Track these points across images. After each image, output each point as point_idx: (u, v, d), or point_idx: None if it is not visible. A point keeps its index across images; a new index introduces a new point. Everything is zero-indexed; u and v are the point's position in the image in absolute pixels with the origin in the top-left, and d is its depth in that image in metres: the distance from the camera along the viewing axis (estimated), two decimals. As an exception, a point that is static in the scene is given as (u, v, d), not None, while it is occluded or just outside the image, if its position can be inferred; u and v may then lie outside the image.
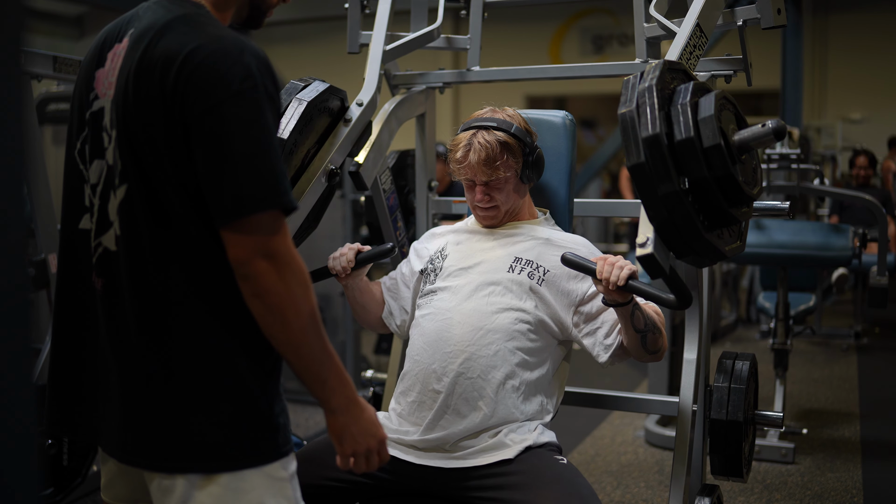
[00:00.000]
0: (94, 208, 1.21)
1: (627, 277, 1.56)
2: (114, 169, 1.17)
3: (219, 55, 1.09)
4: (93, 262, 1.22)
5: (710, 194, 1.37)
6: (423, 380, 1.74)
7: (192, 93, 1.08)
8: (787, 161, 4.10)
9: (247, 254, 1.09)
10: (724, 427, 1.99)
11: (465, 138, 1.81)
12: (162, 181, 1.12)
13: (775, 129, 1.40)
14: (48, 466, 2.52)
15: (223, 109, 1.07)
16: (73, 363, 1.27)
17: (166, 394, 1.14)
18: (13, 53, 0.63)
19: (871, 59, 10.00)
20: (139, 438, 1.16)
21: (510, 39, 9.55)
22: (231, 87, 1.08)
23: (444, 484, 1.68)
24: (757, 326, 6.45)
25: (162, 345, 1.15)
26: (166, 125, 1.10)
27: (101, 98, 1.21)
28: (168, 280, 1.14)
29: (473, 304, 1.76)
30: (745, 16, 1.94)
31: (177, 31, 1.13)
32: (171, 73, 1.09)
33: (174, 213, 1.13)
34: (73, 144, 1.27)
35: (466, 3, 2.32)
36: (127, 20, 1.23)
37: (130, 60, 1.15)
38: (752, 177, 1.47)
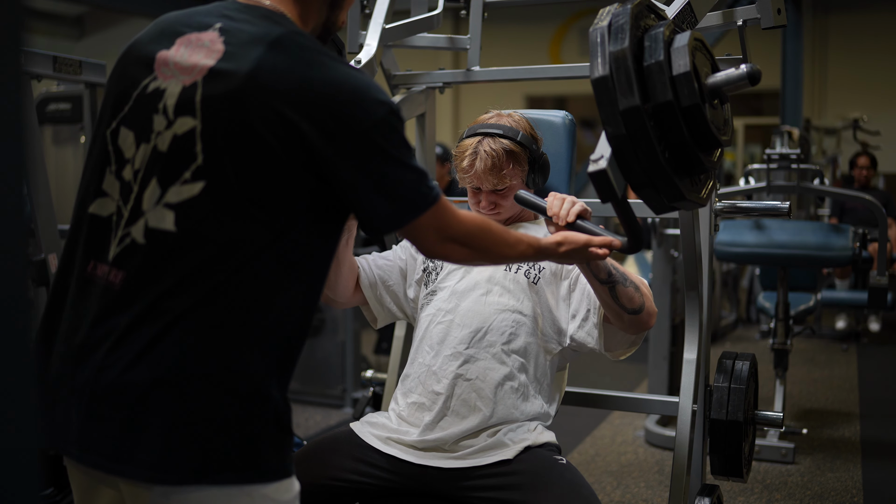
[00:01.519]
0: (132, 196, 1.14)
1: (578, 213, 1.54)
2: (174, 159, 1.11)
3: (353, 83, 1.13)
4: (110, 253, 1.13)
5: (675, 125, 1.30)
6: (423, 381, 1.74)
7: (334, 121, 1.11)
8: (787, 161, 4.10)
9: (422, 241, 1.23)
10: (724, 427, 1.99)
11: (470, 145, 1.80)
12: (256, 190, 1.10)
13: (749, 72, 1.35)
14: (48, 466, 2.52)
15: (369, 136, 1.12)
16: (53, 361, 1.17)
17: (185, 403, 1.07)
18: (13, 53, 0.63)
19: (871, 59, 10.00)
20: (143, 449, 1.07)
21: (510, 39, 9.54)
22: (373, 115, 1.13)
23: (443, 484, 1.68)
24: (757, 326, 6.46)
25: (187, 352, 1.08)
26: (289, 143, 1.09)
27: (159, 79, 1.15)
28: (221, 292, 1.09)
29: (472, 304, 1.76)
30: (745, 16, 1.94)
31: (298, 51, 1.13)
32: (301, 94, 1.10)
33: (254, 223, 1.10)
34: (106, 123, 1.20)
35: (466, 3, 2.32)
36: (204, 13, 1.20)
37: (240, 62, 1.11)
38: (723, 124, 1.42)
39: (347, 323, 4.20)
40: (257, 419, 1.11)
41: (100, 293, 1.13)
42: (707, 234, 2.11)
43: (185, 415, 1.07)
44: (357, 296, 1.88)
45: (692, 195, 1.38)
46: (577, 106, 11.00)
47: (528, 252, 1.38)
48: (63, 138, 4.65)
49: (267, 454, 1.12)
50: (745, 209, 2.23)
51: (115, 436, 1.08)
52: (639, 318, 1.67)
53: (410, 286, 1.90)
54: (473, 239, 1.27)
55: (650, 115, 1.29)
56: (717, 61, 2.03)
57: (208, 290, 1.09)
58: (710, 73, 1.40)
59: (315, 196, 1.14)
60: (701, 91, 1.32)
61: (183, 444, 1.07)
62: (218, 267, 1.09)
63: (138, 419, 1.07)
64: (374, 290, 1.88)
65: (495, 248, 1.32)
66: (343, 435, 1.78)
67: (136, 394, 1.08)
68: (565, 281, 1.79)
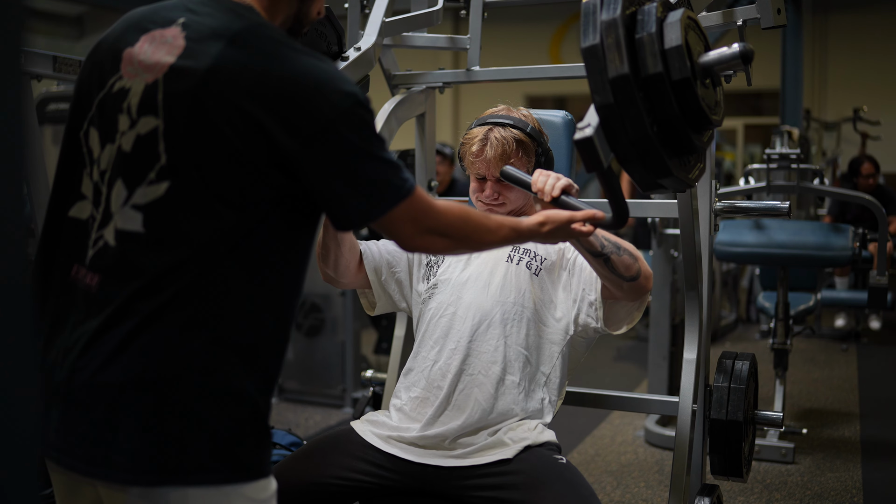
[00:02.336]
0: (102, 197, 1.13)
1: (563, 188, 1.54)
2: (138, 159, 1.10)
3: (317, 73, 1.10)
4: (87, 256, 1.13)
5: (664, 98, 1.28)
6: (428, 376, 1.75)
7: (296, 114, 1.08)
8: (787, 161, 4.10)
9: (400, 234, 1.20)
10: (724, 427, 1.99)
11: (480, 133, 1.81)
12: (221, 188, 1.08)
13: (742, 50, 1.34)
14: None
15: (333, 128, 1.09)
16: None
17: (158, 403, 1.06)
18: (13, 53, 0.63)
19: (871, 59, 10.00)
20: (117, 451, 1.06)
21: (510, 39, 9.54)
22: (338, 107, 1.09)
23: (443, 483, 1.68)
24: (757, 326, 6.45)
25: (159, 352, 1.07)
26: (254, 139, 1.08)
27: (125, 78, 1.14)
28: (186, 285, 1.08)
29: (474, 297, 1.76)
30: (745, 16, 1.94)
31: (262, 41, 1.11)
32: (264, 89, 1.08)
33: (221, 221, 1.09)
34: (77, 125, 1.19)
35: (466, 3, 2.32)
36: (168, 8, 1.18)
37: (199, 58, 1.10)
38: (714, 105, 1.40)
39: (347, 323, 4.20)
40: (231, 419, 1.10)
41: (81, 297, 1.13)
42: (707, 234, 2.11)
43: (158, 416, 1.06)
44: (360, 276, 1.86)
45: (680, 173, 1.36)
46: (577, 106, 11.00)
47: (511, 235, 1.36)
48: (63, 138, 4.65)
49: (242, 454, 1.11)
50: (744, 209, 2.23)
51: (90, 438, 1.07)
52: (637, 284, 1.67)
53: (417, 280, 1.90)
54: (453, 228, 1.25)
55: (639, 87, 1.27)
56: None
57: (179, 290, 1.08)
58: (702, 52, 1.39)
59: (283, 192, 1.12)
60: (692, 67, 1.31)
61: (156, 444, 1.06)
62: (188, 267, 1.08)
63: (111, 421, 1.06)
64: (379, 274, 1.87)
65: (476, 236, 1.30)
66: (343, 433, 1.78)
67: (108, 395, 1.07)
68: (564, 271, 1.79)
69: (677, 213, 1.97)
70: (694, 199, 1.97)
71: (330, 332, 4.24)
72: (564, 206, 1.52)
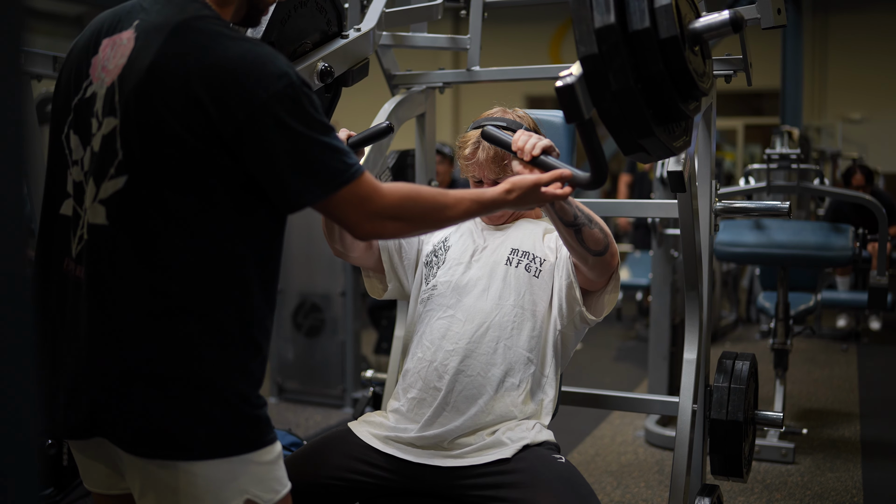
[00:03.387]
0: (84, 195, 1.20)
1: (543, 149, 1.52)
2: (103, 158, 1.17)
3: (251, 57, 1.13)
4: (74, 250, 1.21)
5: (651, 55, 1.26)
6: (424, 377, 1.74)
7: (230, 98, 1.11)
8: (787, 161, 4.10)
9: (347, 220, 1.20)
10: (724, 427, 1.99)
11: (473, 136, 1.81)
12: (171, 177, 1.13)
13: (732, 18, 1.33)
14: (48, 466, 2.52)
15: (266, 112, 1.11)
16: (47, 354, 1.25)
17: (148, 385, 1.15)
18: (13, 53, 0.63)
19: (871, 59, 10.00)
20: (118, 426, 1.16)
21: (510, 39, 9.55)
22: (270, 88, 1.11)
23: (441, 483, 1.68)
24: (757, 326, 6.46)
25: (148, 336, 1.15)
26: (196, 127, 1.11)
27: (94, 83, 1.21)
28: (156, 273, 1.14)
29: (474, 300, 1.76)
30: (746, 16, 1.94)
31: (197, 33, 1.15)
32: (200, 77, 1.11)
33: (185, 212, 1.14)
34: (59, 128, 1.26)
35: (466, 3, 2.32)
36: (127, 10, 1.23)
37: (144, 55, 1.15)
38: (702, 74, 1.38)
39: (347, 323, 4.20)
40: (235, 393, 1.18)
41: (72, 287, 1.22)
42: (707, 234, 2.11)
43: (170, 393, 1.15)
44: (370, 254, 1.85)
45: (661, 134, 1.34)
46: (577, 106, 10.95)
47: (474, 207, 1.34)
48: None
49: (249, 424, 1.19)
50: (745, 209, 2.23)
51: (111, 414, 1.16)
52: (603, 260, 1.66)
53: (419, 280, 1.89)
54: (403, 210, 1.24)
55: (626, 42, 1.26)
56: (716, 60, 2.03)
57: (146, 280, 1.14)
58: (693, 19, 1.37)
59: (232, 177, 1.15)
60: (682, 30, 1.29)
61: (175, 419, 1.15)
62: (151, 258, 1.14)
63: (129, 399, 1.15)
64: (391, 256, 1.88)
65: (433, 214, 1.29)
66: (341, 434, 1.78)
67: (119, 376, 1.16)
68: (558, 263, 1.79)
69: (677, 214, 1.97)
70: (694, 199, 1.97)
71: (330, 332, 4.24)
72: (544, 167, 1.50)
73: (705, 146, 2.12)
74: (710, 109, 2.09)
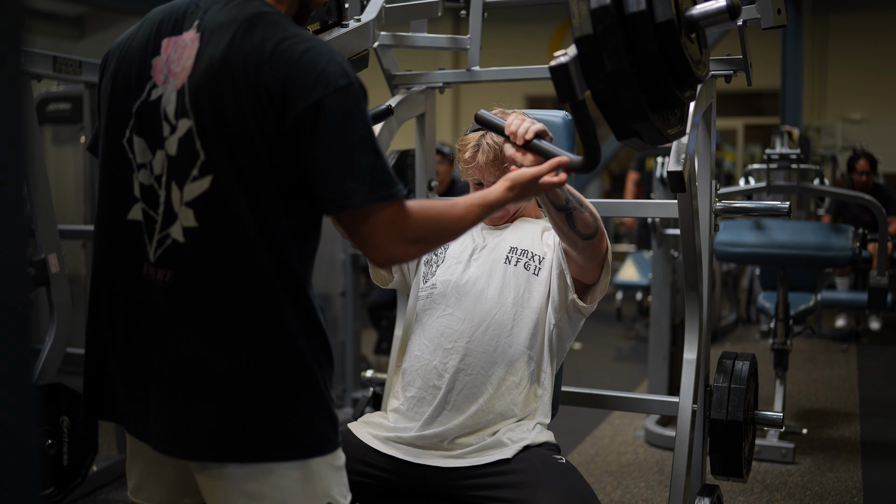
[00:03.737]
0: (160, 199, 1.19)
1: (536, 132, 1.51)
2: (182, 160, 1.17)
3: (314, 54, 1.14)
4: (153, 255, 1.20)
5: (647, 39, 1.25)
6: (423, 376, 1.74)
7: (293, 90, 1.11)
8: (787, 161, 4.10)
9: (372, 240, 1.17)
10: (724, 427, 1.99)
11: (473, 139, 1.81)
12: (254, 173, 1.14)
13: (729, 5, 1.32)
14: (48, 466, 2.52)
15: (326, 106, 1.12)
16: (119, 356, 1.25)
17: (242, 385, 1.15)
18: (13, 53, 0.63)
19: (871, 59, 10.00)
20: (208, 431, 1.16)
21: (510, 39, 9.55)
22: (331, 84, 1.12)
23: (442, 483, 1.68)
24: (757, 326, 6.46)
25: (242, 336, 1.15)
26: (264, 120, 1.13)
27: (159, 86, 1.20)
28: (249, 274, 1.15)
29: (474, 299, 1.76)
30: (745, 16, 1.95)
31: (264, 28, 1.16)
32: (267, 69, 1.12)
33: (262, 205, 1.15)
34: (118, 133, 1.24)
35: (466, 3, 2.32)
36: (183, 10, 1.23)
37: (211, 53, 1.15)
38: (698, 61, 1.37)
39: (347, 323, 4.20)
40: (312, 395, 1.19)
41: (156, 291, 1.20)
42: (707, 234, 2.11)
43: (256, 397, 1.15)
44: None
45: (655, 119, 1.33)
46: (577, 106, 10.97)
47: (483, 212, 1.34)
48: (63, 138, 4.65)
49: (324, 427, 1.20)
50: (745, 209, 2.23)
51: (174, 419, 1.17)
52: (592, 244, 1.65)
53: (419, 277, 1.89)
54: (426, 232, 1.22)
55: (621, 24, 1.25)
56: (716, 60, 2.03)
57: (242, 277, 1.15)
58: (691, 4, 1.37)
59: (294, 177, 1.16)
60: (678, 16, 1.29)
61: (263, 423, 1.15)
62: (245, 255, 1.15)
63: (190, 403, 1.16)
64: None
65: (449, 231, 1.28)
66: (341, 435, 1.78)
67: (186, 379, 1.16)
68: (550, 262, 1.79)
69: (677, 214, 1.97)
70: (694, 199, 1.97)
71: (330, 332, 4.22)
72: (536, 151, 1.49)
73: (705, 146, 2.12)
74: (710, 109, 2.09)
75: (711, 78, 2.01)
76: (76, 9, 11.39)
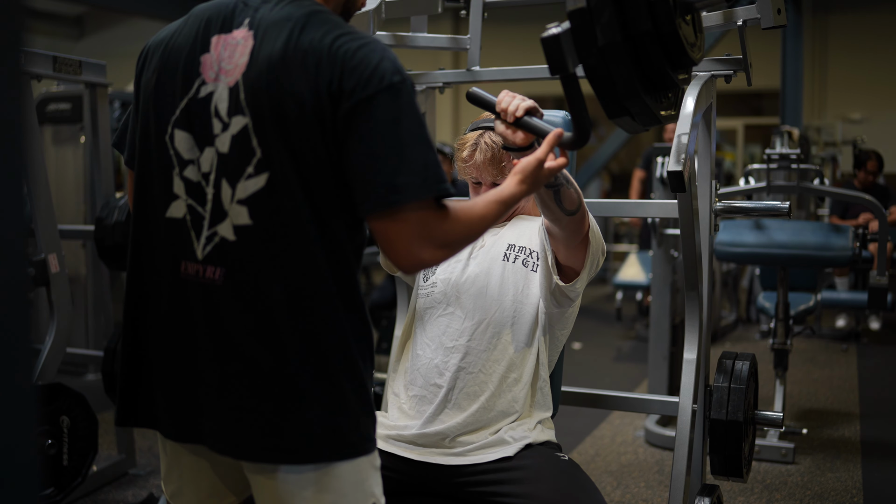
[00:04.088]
0: (208, 197, 1.19)
1: (526, 109, 1.49)
2: (236, 157, 1.16)
3: (368, 50, 1.15)
4: (201, 252, 1.19)
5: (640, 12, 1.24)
6: (424, 374, 1.74)
7: (348, 85, 1.12)
8: (787, 161, 4.10)
9: (402, 241, 1.15)
10: (724, 427, 1.99)
11: (472, 138, 1.81)
12: (312, 169, 1.14)
13: None
14: (48, 466, 2.52)
15: (379, 101, 1.12)
16: (161, 356, 1.24)
17: (296, 385, 1.15)
18: (13, 53, 0.63)
19: (871, 59, 10.00)
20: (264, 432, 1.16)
21: (510, 39, 9.55)
22: (384, 80, 1.13)
23: (443, 481, 1.68)
24: (757, 326, 6.45)
25: (295, 335, 1.15)
26: (322, 115, 1.13)
27: (209, 83, 1.19)
28: (305, 271, 1.15)
29: (474, 297, 1.76)
30: (745, 16, 1.95)
31: (320, 26, 1.17)
32: (325, 65, 1.13)
33: (319, 200, 1.15)
34: (160, 128, 1.23)
35: (466, 3, 2.32)
36: (231, 9, 1.23)
37: (268, 49, 1.16)
38: (693, 44, 1.36)
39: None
40: (357, 395, 1.19)
41: (198, 290, 1.19)
42: (707, 234, 2.11)
43: (311, 396, 1.15)
44: None
45: (649, 100, 1.32)
46: (577, 106, 10.96)
47: (501, 209, 1.31)
48: (63, 138, 4.65)
49: (367, 426, 1.20)
50: (745, 209, 2.23)
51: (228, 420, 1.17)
52: (575, 220, 1.63)
53: (420, 275, 1.89)
54: (454, 235, 1.20)
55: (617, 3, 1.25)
56: (717, 60, 2.03)
57: (298, 274, 1.15)
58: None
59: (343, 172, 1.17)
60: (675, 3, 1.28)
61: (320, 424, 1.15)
62: (300, 251, 1.15)
63: (243, 404, 1.16)
64: None
65: (472, 232, 1.25)
66: None
67: (238, 379, 1.16)
68: None
69: (677, 214, 1.97)
70: (694, 199, 1.97)
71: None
72: (527, 128, 1.48)
73: (705, 146, 2.12)
74: (710, 109, 2.09)
75: (711, 78, 2.01)
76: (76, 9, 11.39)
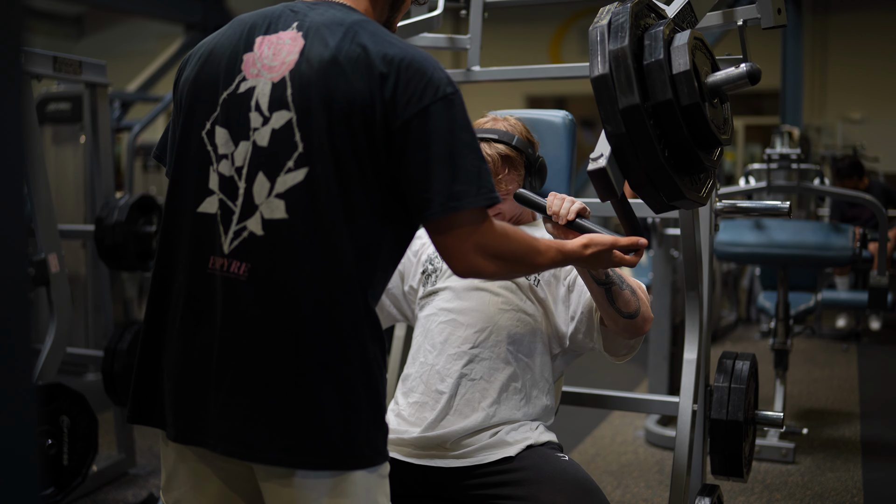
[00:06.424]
0: (240, 191, 1.19)
1: (577, 212, 1.52)
2: (275, 152, 1.17)
3: (422, 62, 1.17)
4: (228, 246, 1.19)
5: (674, 123, 1.29)
6: (426, 381, 1.74)
7: (402, 97, 1.15)
8: (788, 161, 4.10)
9: (459, 248, 1.18)
10: (724, 427, 1.99)
11: None
12: (351, 169, 1.16)
13: (749, 71, 1.35)
14: (48, 466, 2.52)
15: (435, 111, 1.15)
16: (176, 352, 1.23)
17: (313, 386, 1.14)
18: (13, 53, 0.63)
19: (871, 59, 10.00)
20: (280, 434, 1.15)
21: (510, 39, 9.54)
22: (439, 91, 1.16)
23: (444, 483, 1.68)
24: (757, 326, 6.45)
25: (318, 333, 1.15)
26: (368, 119, 1.15)
27: (249, 79, 1.21)
28: (332, 270, 1.16)
29: (476, 304, 1.75)
30: (745, 16, 1.94)
31: (371, 35, 1.19)
32: (376, 72, 1.15)
33: (354, 200, 1.16)
34: (199, 125, 1.24)
35: (466, 3, 2.32)
36: (277, 14, 1.25)
37: (320, 50, 1.18)
38: (723, 124, 1.41)
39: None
40: (370, 403, 1.18)
41: (226, 285, 1.19)
42: (707, 234, 2.11)
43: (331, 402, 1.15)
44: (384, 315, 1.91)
45: (692, 194, 1.37)
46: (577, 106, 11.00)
47: (558, 257, 1.34)
48: (63, 138, 4.65)
49: (379, 437, 1.20)
50: (745, 209, 2.23)
51: (240, 420, 1.16)
52: (633, 323, 1.64)
53: (408, 288, 1.89)
54: (505, 250, 1.23)
55: (650, 114, 1.29)
56: (717, 61, 2.03)
57: (326, 271, 1.15)
58: (709, 72, 1.40)
59: (388, 177, 1.18)
60: (701, 90, 1.32)
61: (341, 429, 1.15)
62: (330, 248, 1.15)
63: (258, 404, 1.15)
64: (397, 300, 1.91)
65: (527, 258, 1.29)
66: None
67: (254, 378, 1.16)
68: (564, 282, 1.78)
69: (677, 214, 1.97)
70: (694, 199, 1.97)
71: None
72: (579, 230, 1.51)
73: (705, 146, 2.12)
74: (711, 109, 2.09)
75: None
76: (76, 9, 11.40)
